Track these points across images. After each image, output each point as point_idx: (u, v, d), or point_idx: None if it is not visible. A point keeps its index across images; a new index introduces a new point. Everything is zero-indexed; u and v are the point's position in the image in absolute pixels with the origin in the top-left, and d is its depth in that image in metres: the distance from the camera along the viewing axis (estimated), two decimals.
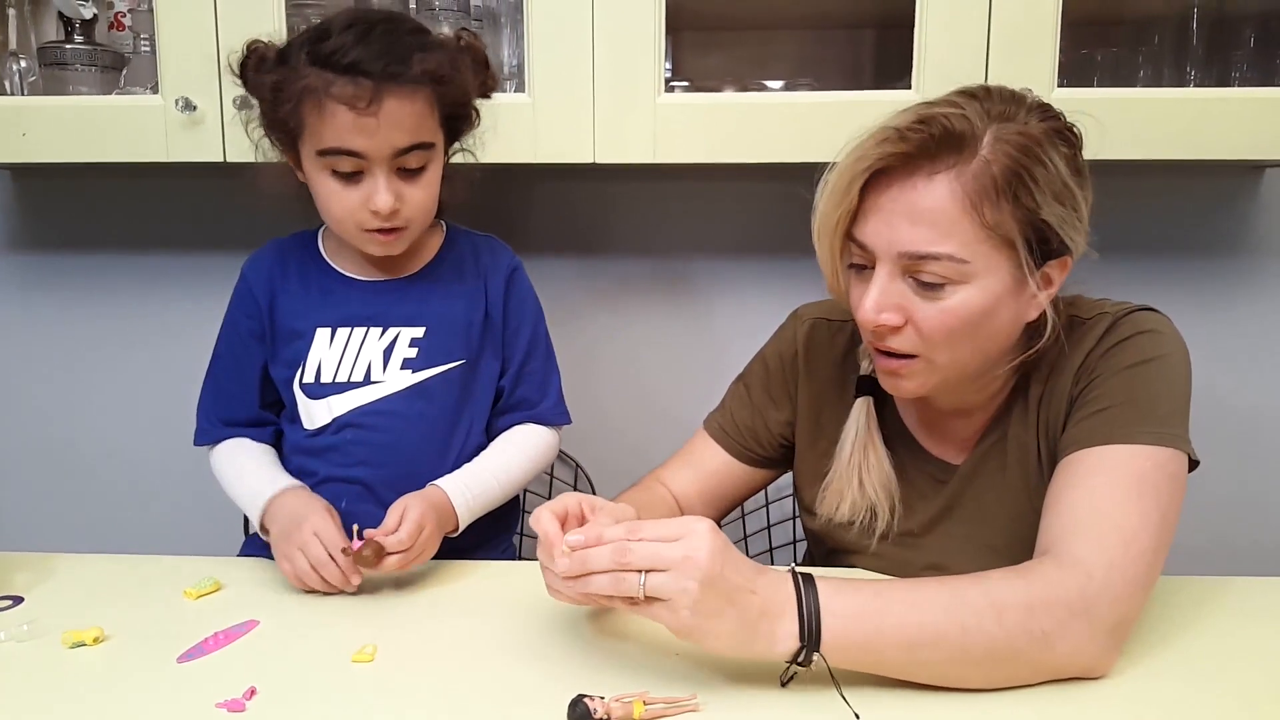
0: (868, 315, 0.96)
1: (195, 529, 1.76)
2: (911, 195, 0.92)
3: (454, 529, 1.17)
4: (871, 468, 1.09)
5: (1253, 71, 1.52)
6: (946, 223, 0.91)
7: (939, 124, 0.91)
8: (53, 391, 1.86)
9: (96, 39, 1.60)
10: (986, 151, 0.91)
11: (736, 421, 1.23)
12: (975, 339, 0.97)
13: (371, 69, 1.06)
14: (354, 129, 1.08)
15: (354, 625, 1.00)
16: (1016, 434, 1.06)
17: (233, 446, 1.24)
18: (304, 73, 1.08)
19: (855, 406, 1.12)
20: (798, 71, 1.63)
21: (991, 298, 0.94)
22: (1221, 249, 1.71)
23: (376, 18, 1.11)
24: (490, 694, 0.86)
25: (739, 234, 1.75)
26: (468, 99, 1.19)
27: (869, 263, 0.97)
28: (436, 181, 1.18)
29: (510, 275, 1.29)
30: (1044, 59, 1.38)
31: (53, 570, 1.13)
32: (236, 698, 0.84)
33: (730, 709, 0.83)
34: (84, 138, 1.48)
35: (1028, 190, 0.91)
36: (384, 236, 1.15)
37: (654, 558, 0.80)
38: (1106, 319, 1.02)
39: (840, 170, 0.96)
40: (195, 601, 1.06)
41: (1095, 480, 0.93)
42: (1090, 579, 0.85)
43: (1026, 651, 0.83)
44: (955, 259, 0.92)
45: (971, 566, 0.89)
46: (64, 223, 1.82)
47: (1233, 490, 1.74)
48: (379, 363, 1.21)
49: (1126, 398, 0.96)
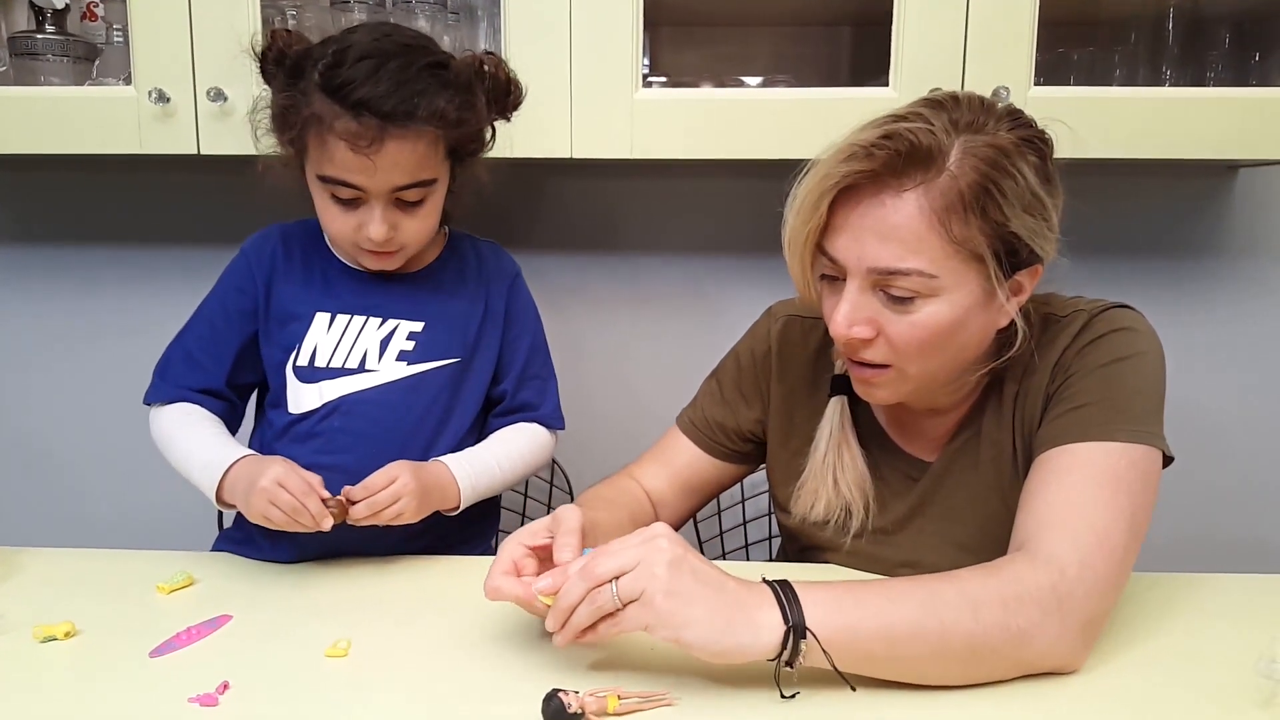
0: (840, 329, 0.97)
1: (167, 524, 1.75)
2: (880, 212, 0.92)
3: (454, 506, 1.17)
4: (846, 467, 1.10)
5: (1228, 72, 1.53)
6: (914, 239, 0.91)
7: (905, 140, 0.90)
8: (21, 385, 1.84)
9: (69, 29, 1.57)
10: (954, 166, 0.91)
11: (708, 417, 1.23)
12: (946, 350, 0.98)
13: (378, 109, 1.05)
14: (353, 166, 1.08)
15: (328, 620, 0.99)
16: (990, 432, 1.07)
17: (181, 410, 1.22)
18: (313, 98, 1.08)
19: (829, 406, 1.12)
20: (775, 68, 1.64)
21: (961, 310, 0.94)
22: (1196, 249, 1.72)
23: (394, 49, 1.09)
24: (465, 689, 0.86)
25: (721, 232, 1.75)
26: (480, 131, 1.19)
27: (840, 275, 0.97)
28: (436, 211, 1.18)
29: (513, 282, 1.30)
30: (1021, 58, 1.38)
31: (22, 565, 1.12)
32: (209, 692, 0.83)
33: (704, 703, 0.83)
34: (55, 129, 1.47)
35: (995, 204, 0.91)
36: (378, 255, 1.16)
37: (618, 562, 0.82)
38: (1082, 316, 1.02)
39: (808, 188, 0.95)
40: (168, 596, 1.05)
41: (1070, 477, 0.93)
42: (1063, 576, 0.86)
43: (1002, 648, 0.84)
44: (924, 274, 0.92)
45: (943, 564, 0.91)
46: (34, 216, 1.80)
47: (1206, 488, 1.76)
48: (375, 351, 1.20)
49: (1102, 395, 0.97)
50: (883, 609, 0.83)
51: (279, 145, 1.17)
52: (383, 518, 1.09)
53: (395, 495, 1.09)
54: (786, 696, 0.83)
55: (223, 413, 1.25)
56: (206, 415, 1.22)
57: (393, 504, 1.09)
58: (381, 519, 1.09)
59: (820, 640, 0.81)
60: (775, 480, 1.22)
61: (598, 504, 1.11)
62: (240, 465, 1.11)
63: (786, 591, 0.83)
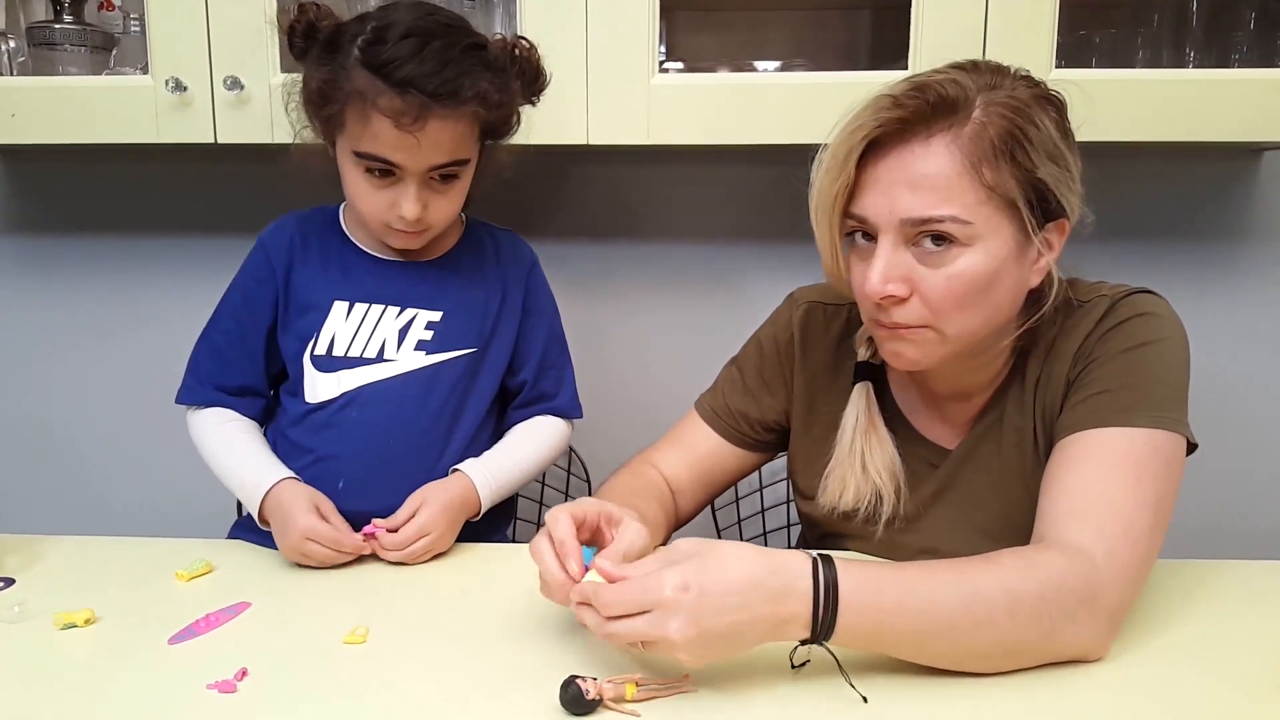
0: (874, 287, 0.95)
1: (185, 511, 1.75)
2: (910, 162, 0.92)
3: (475, 513, 1.19)
4: (875, 452, 1.08)
5: (1253, 53, 1.50)
6: (947, 186, 0.91)
7: (934, 90, 0.92)
8: (41, 375, 1.85)
9: (86, 19, 1.58)
10: (980, 115, 0.92)
11: (730, 405, 1.22)
12: (982, 306, 0.96)
13: (423, 88, 1.05)
14: (394, 143, 1.08)
15: (346, 607, 1.00)
16: (1012, 417, 1.06)
17: (218, 418, 1.23)
18: (354, 74, 1.07)
19: (855, 392, 1.11)
20: (793, 52, 1.62)
21: (996, 261, 0.94)
22: (1220, 233, 1.69)
23: (436, 28, 1.08)
24: (482, 675, 0.86)
25: (738, 219, 1.73)
26: (512, 114, 1.19)
27: (871, 234, 0.96)
28: (464, 191, 1.18)
29: (530, 271, 1.30)
30: (1042, 39, 1.36)
31: (43, 553, 1.13)
32: (228, 679, 0.84)
33: (722, 690, 0.83)
34: (73, 119, 1.47)
35: (1023, 150, 0.92)
36: (405, 234, 1.16)
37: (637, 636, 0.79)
38: (1105, 301, 1.01)
39: (836, 144, 0.95)
40: (187, 583, 1.06)
41: (1092, 464, 0.92)
42: (1094, 567, 0.85)
43: (1034, 642, 0.83)
44: (959, 220, 0.92)
45: (964, 550, 0.89)
46: (53, 205, 1.80)
47: (1230, 474, 1.74)
48: (393, 341, 1.20)
49: (1124, 381, 0.96)
50: (920, 603, 0.82)
51: (310, 123, 1.16)
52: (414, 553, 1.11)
53: (426, 543, 1.11)
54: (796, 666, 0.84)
55: (258, 411, 1.26)
56: (240, 425, 1.23)
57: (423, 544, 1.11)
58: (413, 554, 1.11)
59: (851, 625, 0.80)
60: (797, 468, 1.21)
61: (632, 499, 1.09)
62: (272, 497, 1.13)
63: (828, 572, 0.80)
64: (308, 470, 1.17)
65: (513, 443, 1.27)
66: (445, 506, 1.13)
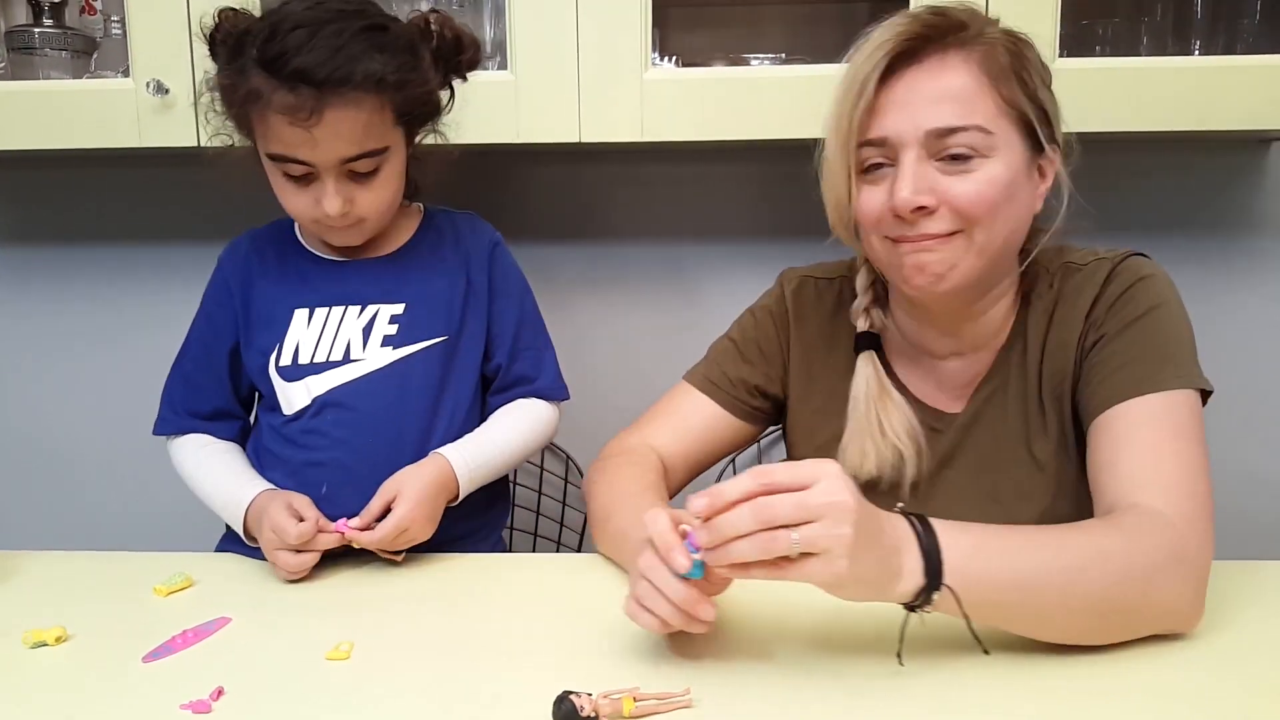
0: (904, 198, 0.96)
1: (171, 524, 1.72)
2: (930, 78, 0.97)
3: (454, 497, 1.15)
4: (891, 415, 1.08)
5: (1260, 41, 1.48)
6: (968, 97, 0.96)
7: (948, 13, 0.99)
8: (19, 385, 1.82)
9: (66, 22, 1.55)
10: (989, 36, 0.99)
11: (728, 374, 1.20)
12: (1006, 217, 0.99)
13: (312, 78, 1.01)
14: (296, 140, 1.05)
15: (330, 621, 0.96)
16: (1015, 383, 1.08)
17: (196, 444, 1.22)
18: (250, 75, 1.04)
19: (861, 361, 1.11)
20: (789, 47, 1.59)
21: (1013, 172, 0.98)
22: (1228, 225, 1.67)
23: (328, 16, 1.04)
24: (472, 692, 0.82)
25: (731, 217, 1.71)
26: (429, 94, 1.15)
27: (889, 159, 0.99)
28: (393, 180, 1.14)
29: (492, 250, 1.26)
30: (1045, 29, 1.34)
31: (16, 568, 1.10)
32: (203, 699, 0.80)
33: (723, 704, 0.79)
34: (54, 124, 1.44)
35: (1027, 72, 0.98)
36: (340, 230, 1.14)
37: (800, 508, 0.74)
38: (1105, 264, 1.04)
39: (856, 65, 0.98)
40: (165, 598, 1.02)
41: (1142, 434, 0.95)
42: (1177, 532, 0.87)
43: (1127, 598, 0.84)
44: (982, 129, 0.95)
45: (974, 515, 0.89)
46: (33, 213, 1.77)
47: (1239, 470, 1.70)
48: (358, 340, 1.17)
49: (1144, 349, 0.99)
50: (1019, 559, 0.82)
51: (233, 130, 1.14)
52: (393, 546, 1.09)
53: (405, 539, 1.09)
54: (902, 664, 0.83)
55: (235, 433, 1.24)
56: (216, 448, 1.22)
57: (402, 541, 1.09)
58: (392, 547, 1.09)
59: (956, 591, 0.78)
60: (796, 439, 1.20)
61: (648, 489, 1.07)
62: (252, 511, 1.12)
63: (928, 533, 0.80)
64: (289, 480, 1.15)
65: (491, 424, 1.24)
66: (420, 498, 1.09)
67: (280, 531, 1.05)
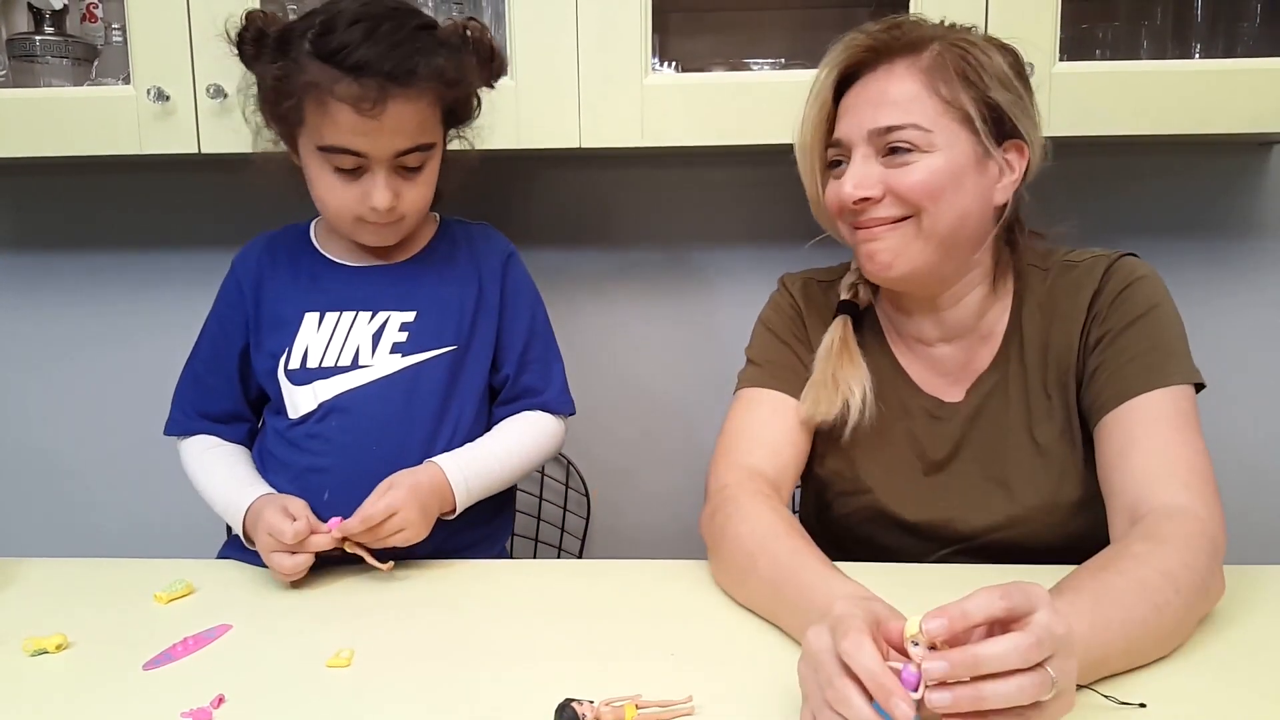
0: (848, 191, 1.06)
1: (173, 531, 1.73)
2: (877, 84, 1.07)
3: (450, 510, 1.14)
4: (846, 369, 1.14)
5: (1260, 43, 1.48)
6: (907, 100, 1.05)
7: (899, 28, 1.08)
8: (24, 392, 1.82)
9: (68, 30, 1.56)
10: (937, 47, 1.07)
11: (780, 363, 1.19)
12: (950, 204, 1.06)
13: (378, 70, 1.04)
14: (357, 130, 1.06)
15: (331, 628, 0.96)
16: (1016, 373, 1.13)
17: (203, 445, 1.22)
18: (306, 66, 1.06)
19: (835, 323, 1.17)
20: (790, 52, 1.59)
21: (956, 166, 1.05)
22: (1229, 228, 1.67)
23: (382, 12, 1.07)
24: (473, 700, 0.82)
25: (732, 222, 1.71)
26: (471, 94, 1.18)
27: (845, 157, 1.09)
28: (434, 177, 1.16)
29: (506, 261, 1.27)
30: (1044, 34, 1.35)
31: (16, 575, 1.10)
32: (204, 706, 0.80)
33: (724, 712, 0.79)
34: (55, 131, 1.45)
35: (976, 74, 1.06)
36: (379, 227, 1.14)
37: (1049, 645, 0.65)
38: (1101, 262, 1.11)
39: (818, 81, 1.11)
40: (166, 606, 1.02)
41: (1155, 428, 1.00)
42: (1202, 521, 0.92)
43: (1195, 607, 0.88)
44: (919, 127, 1.04)
45: (983, 501, 1.08)
46: (34, 220, 1.78)
47: (1240, 473, 1.70)
48: (368, 346, 1.17)
49: (1147, 346, 1.05)
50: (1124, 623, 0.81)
51: (270, 126, 1.15)
52: (389, 543, 1.08)
53: (395, 522, 1.07)
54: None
55: (244, 435, 1.25)
56: (223, 450, 1.22)
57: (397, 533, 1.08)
58: (387, 544, 1.08)
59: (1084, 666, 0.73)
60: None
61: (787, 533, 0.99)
62: (250, 515, 1.11)
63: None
64: (292, 484, 1.14)
65: (493, 435, 1.23)
66: (413, 488, 1.09)
67: (276, 533, 1.05)
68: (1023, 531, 1.11)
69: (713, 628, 0.95)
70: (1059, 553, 1.02)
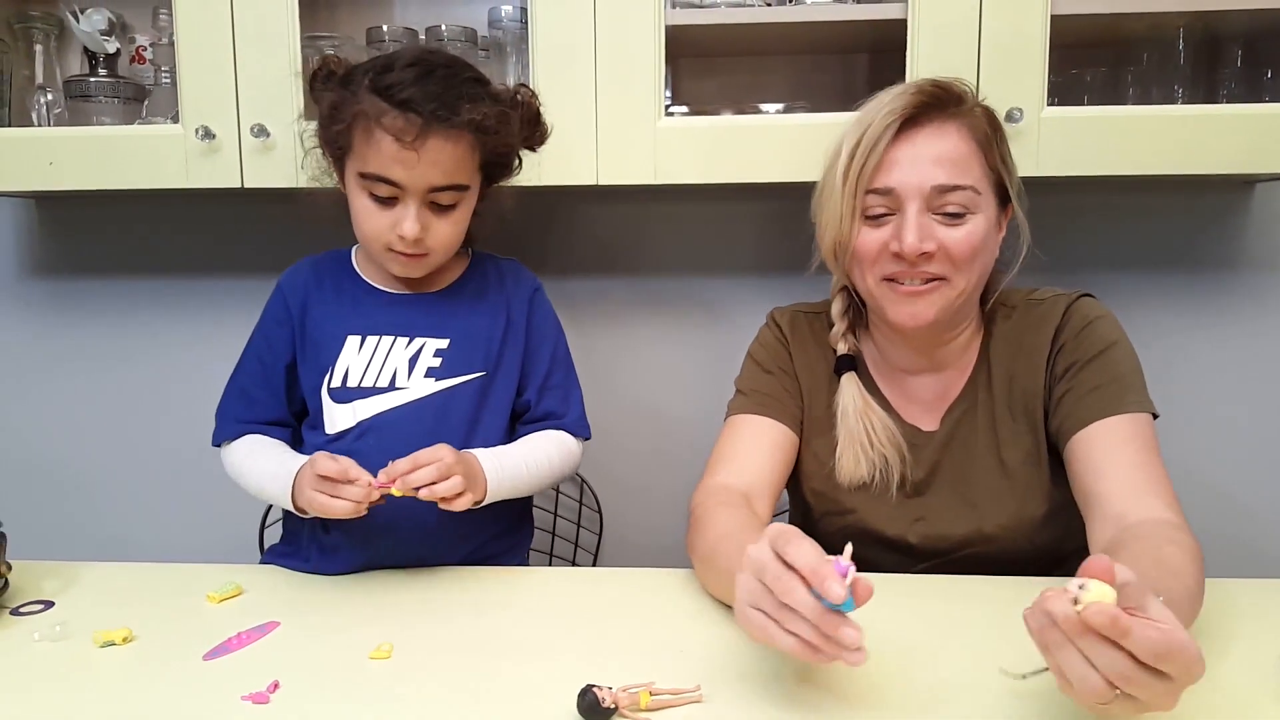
0: (912, 244, 1.10)
1: (213, 544, 1.80)
2: (934, 140, 1.12)
3: (481, 497, 1.19)
4: (876, 427, 1.21)
5: (1240, 89, 1.55)
6: (964, 160, 1.12)
7: (946, 86, 1.15)
8: (76, 409, 1.91)
9: (119, 72, 1.67)
10: (978, 110, 1.16)
11: (766, 391, 1.27)
12: (982, 265, 1.15)
13: (422, 108, 1.13)
14: (395, 160, 1.15)
15: (372, 625, 1.04)
16: (984, 401, 1.22)
17: (249, 442, 1.28)
18: (362, 98, 1.15)
19: (845, 381, 1.24)
20: (793, 96, 1.68)
21: (990, 226, 1.14)
22: (1214, 264, 1.73)
23: (439, 61, 1.18)
24: (503, 686, 0.90)
25: (738, 253, 1.79)
26: (510, 150, 1.27)
27: (890, 208, 1.13)
28: (465, 219, 1.24)
29: (532, 295, 1.35)
30: (1033, 79, 1.42)
31: (79, 577, 1.18)
32: (261, 691, 0.88)
33: (733, 699, 0.86)
34: (107, 166, 1.54)
35: (1002, 142, 1.17)
36: (406, 258, 1.22)
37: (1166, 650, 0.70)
38: (1062, 301, 1.21)
39: (872, 127, 1.12)
40: (218, 605, 1.10)
41: (1127, 448, 1.09)
42: (1183, 529, 1.00)
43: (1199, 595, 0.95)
44: (974, 190, 1.12)
45: (957, 522, 1.18)
46: (86, 248, 1.87)
47: (1222, 501, 1.76)
48: (404, 370, 1.25)
49: (1108, 377, 1.14)
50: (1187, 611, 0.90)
51: (322, 149, 1.24)
52: (437, 491, 1.11)
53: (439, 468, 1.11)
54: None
55: (288, 438, 1.31)
56: (265, 440, 1.28)
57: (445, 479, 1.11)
58: (436, 492, 1.11)
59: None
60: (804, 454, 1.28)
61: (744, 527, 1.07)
62: (298, 480, 1.17)
63: None
64: None
65: (521, 442, 1.29)
66: (462, 459, 1.14)
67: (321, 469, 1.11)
68: (994, 546, 1.20)
69: (718, 627, 1.02)
70: (1030, 563, 1.18)
